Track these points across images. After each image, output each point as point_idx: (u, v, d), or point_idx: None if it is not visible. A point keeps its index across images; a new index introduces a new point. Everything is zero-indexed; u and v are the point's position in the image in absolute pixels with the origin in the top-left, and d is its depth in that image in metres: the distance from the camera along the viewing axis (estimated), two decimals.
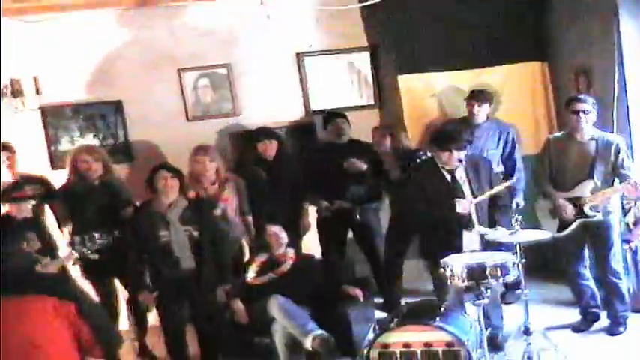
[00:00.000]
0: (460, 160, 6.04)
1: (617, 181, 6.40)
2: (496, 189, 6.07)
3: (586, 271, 6.67)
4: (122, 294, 6.97)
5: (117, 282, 6.96)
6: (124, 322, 7.08)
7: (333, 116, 7.79)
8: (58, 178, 6.92)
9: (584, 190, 6.33)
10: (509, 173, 7.44)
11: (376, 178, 7.61)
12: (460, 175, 6.13)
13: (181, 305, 6.39)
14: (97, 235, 5.93)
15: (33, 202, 6.09)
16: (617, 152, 6.34)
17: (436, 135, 6.37)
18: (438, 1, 7.94)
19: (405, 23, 8.02)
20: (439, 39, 8.02)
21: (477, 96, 7.50)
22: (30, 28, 7.62)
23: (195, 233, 6.27)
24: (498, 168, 7.39)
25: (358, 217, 7.57)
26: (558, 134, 6.80)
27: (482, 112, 7.47)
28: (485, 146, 7.40)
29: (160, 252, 6.23)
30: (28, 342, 3.61)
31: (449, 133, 6.23)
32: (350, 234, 7.86)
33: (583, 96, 6.59)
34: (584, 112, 6.31)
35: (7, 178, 6.60)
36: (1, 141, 6.65)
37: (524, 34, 8.16)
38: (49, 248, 6.03)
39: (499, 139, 7.50)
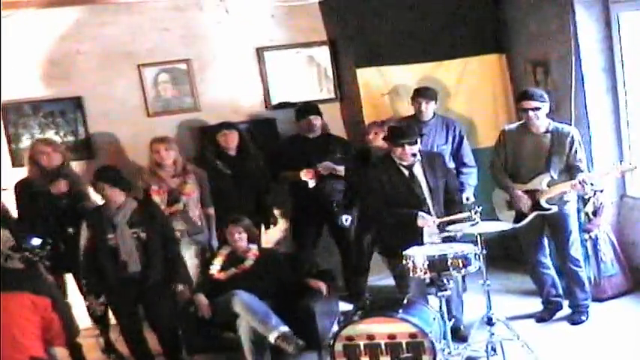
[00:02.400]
0: (414, 155, 6.09)
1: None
2: (455, 217, 6.08)
3: (547, 261, 6.74)
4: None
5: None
6: (87, 320, 7.02)
7: (306, 111, 7.73)
8: (19, 176, 6.88)
9: (541, 182, 6.38)
10: (458, 168, 7.47)
11: (353, 173, 7.52)
12: (417, 170, 6.19)
13: (134, 307, 6.40)
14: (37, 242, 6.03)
15: None
16: (572, 144, 6.38)
17: (388, 131, 6.42)
18: None
19: (363, 17, 8.04)
20: (397, 33, 8.03)
21: (424, 93, 7.47)
22: None
23: (143, 235, 6.26)
24: (451, 164, 7.41)
25: (346, 222, 7.48)
26: (513, 125, 6.78)
27: (429, 109, 7.46)
28: (435, 142, 7.41)
29: (108, 255, 6.21)
30: (11, 337, 3.65)
31: (399, 128, 6.28)
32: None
33: (531, 91, 6.53)
34: (533, 109, 6.34)
35: None
36: None
37: (482, 27, 8.19)
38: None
39: (447, 135, 7.51)
